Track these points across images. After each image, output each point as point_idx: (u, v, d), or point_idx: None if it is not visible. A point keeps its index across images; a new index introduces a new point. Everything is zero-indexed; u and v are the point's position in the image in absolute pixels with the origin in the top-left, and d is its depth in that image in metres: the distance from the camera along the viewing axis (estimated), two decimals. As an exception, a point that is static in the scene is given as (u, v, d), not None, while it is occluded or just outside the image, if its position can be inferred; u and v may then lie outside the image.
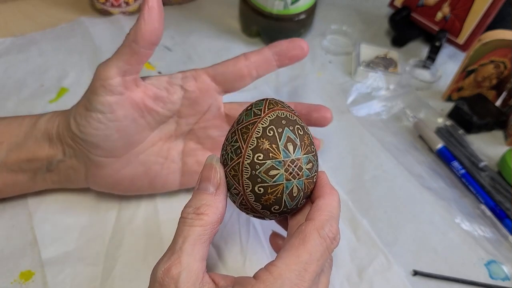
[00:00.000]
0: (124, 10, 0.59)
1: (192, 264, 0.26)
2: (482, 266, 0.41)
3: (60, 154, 0.36)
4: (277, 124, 0.28)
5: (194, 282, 0.26)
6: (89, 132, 0.34)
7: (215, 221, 0.28)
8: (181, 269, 0.26)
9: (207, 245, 0.28)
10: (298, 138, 0.29)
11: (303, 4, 0.55)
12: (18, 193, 0.39)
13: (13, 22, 0.56)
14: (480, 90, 0.54)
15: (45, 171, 0.37)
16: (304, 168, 0.28)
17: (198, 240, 0.27)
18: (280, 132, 0.28)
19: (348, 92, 0.54)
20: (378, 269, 0.39)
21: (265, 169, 0.28)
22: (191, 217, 0.28)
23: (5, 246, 0.37)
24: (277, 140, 0.28)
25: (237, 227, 0.40)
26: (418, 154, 0.49)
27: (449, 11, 0.56)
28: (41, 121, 0.36)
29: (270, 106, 0.29)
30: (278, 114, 0.29)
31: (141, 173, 0.38)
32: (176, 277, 0.26)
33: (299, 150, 0.28)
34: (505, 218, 0.43)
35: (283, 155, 0.28)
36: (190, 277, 0.26)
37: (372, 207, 0.44)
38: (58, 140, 0.36)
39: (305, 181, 0.29)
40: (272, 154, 0.28)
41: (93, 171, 0.36)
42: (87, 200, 0.40)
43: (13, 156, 0.36)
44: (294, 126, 0.29)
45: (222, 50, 0.57)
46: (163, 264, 0.26)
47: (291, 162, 0.28)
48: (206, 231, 0.27)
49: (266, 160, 0.28)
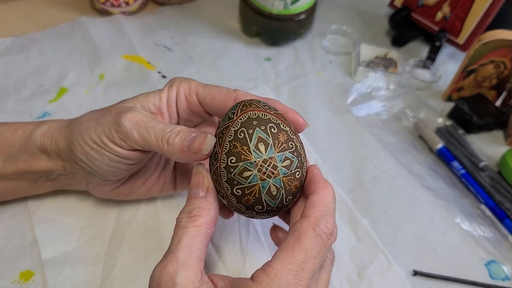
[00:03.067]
0: (124, 10, 0.59)
1: (189, 262, 0.26)
2: (482, 266, 0.41)
3: (60, 169, 0.35)
4: (248, 126, 0.29)
5: (193, 281, 0.26)
6: (99, 166, 0.33)
7: (208, 221, 0.28)
8: (177, 266, 0.26)
9: (204, 246, 0.28)
10: (271, 137, 0.29)
11: (303, 4, 0.55)
12: (19, 197, 0.39)
13: (13, 22, 0.57)
14: (480, 90, 0.54)
15: (45, 180, 0.37)
16: (280, 166, 0.29)
17: (193, 241, 0.27)
18: (251, 133, 0.28)
19: (348, 92, 0.54)
20: (378, 269, 0.39)
21: (239, 171, 0.28)
22: (184, 220, 0.28)
23: (5, 246, 0.37)
24: (248, 142, 0.28)
25: (237, 227, 0.40)
26: (418, 154, 0.49)
27: (449, 11, 0.56)
28: (36, 135, 0.34)
29: (243, 108, 0.30)
30: (249, 116, 0.29)
31: (140, 183, 0.38)
32: (173, 274, 0.26)
33: (272, 149, 0.29)
34: (505, 218, 0.43)
35: (254, 156, 0.28)
36: (188, 274, 0.26)
37: (372, 207, 0.44)
38: (58, 156, 0.34)
39: (283, 178, 0.29)
40: (244, 156, 0.28)
41: (95, 185, 0.36)
42: (87, 200, 0.40)
43: (11, 167, 0.35)
44: (266, 125, 0.29)
45: (222, 50, 0.57)
46: (160, 263, 0.27)
47: (264, 161, 0.28)
48: (200, 231, 0.28)
49: (239, 163, 0.28)
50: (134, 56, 0.54)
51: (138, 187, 0.38)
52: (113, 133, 0.31)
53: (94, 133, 0.32)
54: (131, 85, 0.51)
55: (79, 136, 0.32)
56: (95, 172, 0.33)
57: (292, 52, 0.59)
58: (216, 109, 0.34)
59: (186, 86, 0.35)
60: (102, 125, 0.32)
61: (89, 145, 0.32)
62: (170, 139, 0.30)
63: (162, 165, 0.39)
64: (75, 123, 0.34)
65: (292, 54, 0.58)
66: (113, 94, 0.50)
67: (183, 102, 0.35)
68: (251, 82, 0.54)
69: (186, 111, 0.36)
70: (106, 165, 0.32)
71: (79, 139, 0.32)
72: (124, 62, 0.54)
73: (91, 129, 0.32)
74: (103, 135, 0.31)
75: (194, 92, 0.35)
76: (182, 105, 0.35)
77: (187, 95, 0.35)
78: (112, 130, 0.31)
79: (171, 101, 0.35)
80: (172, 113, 0.35)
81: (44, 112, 0.47)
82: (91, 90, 0.50)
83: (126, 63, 0.54)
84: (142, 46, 0.56)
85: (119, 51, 0.54)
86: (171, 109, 0.35)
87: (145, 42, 0.56)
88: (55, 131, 0.34)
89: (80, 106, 0.48)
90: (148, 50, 0.56)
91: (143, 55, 0.55)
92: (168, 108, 0.35)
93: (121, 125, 0.31)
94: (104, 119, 0.32)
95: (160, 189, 0.39)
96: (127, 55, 0.54)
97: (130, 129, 0.31)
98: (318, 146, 0.48)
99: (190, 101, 0.35)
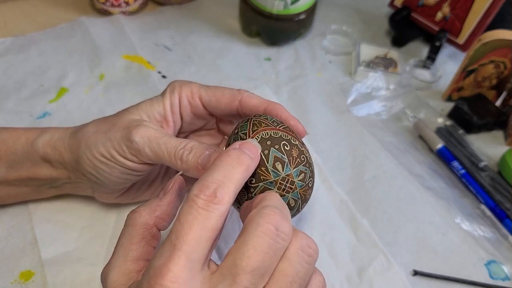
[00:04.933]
0: (124, 10, 0.59)
1: (120, 264, 0.26)
2: (482, 266, 0.41)
3: (65, 178, 0.35)
4: (263, 146, 0.29)
5: (125, 282, 0.26)
6: (109, 178, 0.33)
7: (145, 222, 0.28)
8: (109, 268, 0.26)
9: (144, 245, 0.27)
10: (286, 155, 0.29)
11: (303, 4, 0.55)
12: (22, 200, 0.39)
13: (13, 22, 0.56)
14: (480, 90, 0.54)
15: (49, 187, 0.37)
16: (296, 181, 0.30)
17: (128, 241, 0.27)
18: (267, 154, 0.29)
19: (348, 92, 0.54)
20: (378, 269, 0.39)
21: (259, 191, 0.29)
22: (128, 217, 0.29)
23: (5, 246, 0.37)
24: (265, 163, 0.29)
25: (237, 227, 0.40)
26: (418, 154, 0.49)
27: (449, 11, 0.56)
28: (38, 144, 0.34)
29: (254, 128, 0.30)
30: (262, 136, 0.30)
31: (145, 188, 0.38)
32: (106, 276, 0.26)
33: (288, 167, 0.29)
34: (505, 218, 0.43)
35: (273, 175, 0.29)
36: (118, 276, 0.26)
37: (372, 207, 0.44)
38: (62, 166, 0.34)
39: (300, 191, 0.30)
40: (263, 177, 0.29)
41: (100, 193, 0.37)
42: (87, 200, 0.40)
43: (14, 174, 0.35)
44: (279, 143, 0.30)
45: (222, 50, 0.57)
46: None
47: (282, 179, 0.29)
48: (137, 231, 0.28)
49: (259, 183, 0.29)
50: (134, 56, 0.54)
51: (143, 192, 0.38)
52: (124, 149, 0.31)
53: (103, 147, 0.32)
54: (131, 85, 0.51)
55: (87, 150, 0.32)
56: (103, 183, 0.33)
57: (292, 52, 0.59)
58: (222, 111, 0.35)
59: (188, 91, 0.35)
60: (112, 140, 0.31)
61: (99, 159, 0.32)
62: (183, 156, 0.30)
63: (165, 168, 0.39)
64: (80, 135, 0.33)
65: (292, 54, 0.58)
66: (113, 94, 0.50)
67: (186, 106, 0.35)
68: (251, 82, 0.54)
69: (190, 115, 0.36)
70: (116, 177, 0.33)
71: (87, 153, 0.32)
72: (124, 62, 0.54)
73: (99, 144, 0.32)
74: (113, 150, 0.31)
75: (197, 96, 0.35)
76: (186, 110, 0.35)
77: (190, 100, 0.35)
78: (122, 145, 0.31)
79: (175, 107, 0.35)
80: (176, 119, 0.35)
81: (44, 112, 0.47)
82: (91, 90, 0.50)
83: (126, 63, 0.54)
84: (142, 46, 0.56)
85: (119, 51, 0.54)
86: (175, 115, 0.35)
87: (145, 42, 0.56)
88: (58, 141, 0.34)
89: (80, 106, 0.48)
90: (148, 50, 0.56)
91: (143, 55, 0.55)
92: (172, 115, 0.35)
93: (132, 141, 0.31)
94: (113, 133, 0.32)
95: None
96: (127, 55, 0.54)
97: (142, 145, 0.31)
98: (318, 146, 0.48)
99: (194, 105, 0.35)
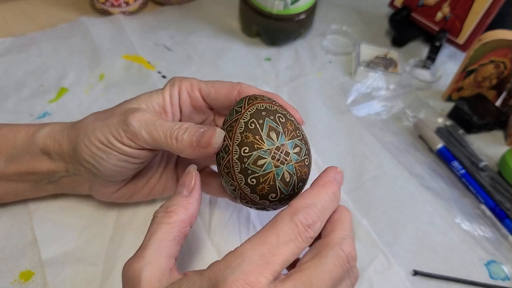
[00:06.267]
0: (124, 10, 0.59)
1: (156, 260, 0.26)
2: (482, 266, 0.41)
3: (62, 171, 0.35)
4: (258, 116, 0.29)
5: (158, 279, 0.26)
6: (106, 166, 0.33)
7: (182, 220, 0.28)
8: (144, 263, 0.26)
9: (176, 244, 0.28)
10: (280, 126, 0.30)
11: (303, 4, 0.55)
12: (20, 199, 0.39)
13: (13, 22, 0.57)
14: (480, 90, 0.54)
15: (46, 183, 0.37)
16: (291, 152, 0.29)
17: (164, 237, 0.27)
18: (261, 123, 0.29)
19: (348, 92, 0.54)
20: (378, 269, 0.39)
21: (253, 160, 0.29)
22: (160, 215, 0.29)
23: (5, 246, 0.37)
24: (259, 131, 0.29)
25: (237, 227, 0.40)
26: (418, 154, 0.49)
27: (449, 11, 0.56)
28: (38, 136, 0.34)
29: (249, 101, 0.31)
30: (257, 107, 0.30)
31: (142, 184, 0.38)
32: (139, 271, 0.26)
33: (283, 137, 0.29)
34: (505, 218, 0.43)
35: (267, 144, 0.29)
36: (153, 272, 0.26)
37: (372, 207, 0.44)
38: (60, 158, 0.34)
39: (295, 165, 0.30)
40: (257, 145, 0.29)
41: (98, 187, 0.36)
42: (87, 200, 0.40)
43: (12, 168, 0.35)
44: (274, 115, 0.30)
45: (222, 50, 0.57)
46: (129, 259, 0.27)
47: (277, 149, 0.29)
48: (173, 228, 0.28)
49: (252, 152, 0.29)
50: (134, 56, 0.54)
51: (140, 188, 0.38)
52: (121, 133, 0.31)
53: (100, 133, 0.32)
54: (131, 85, 0.51)
55: (85, 137, 0.32)
56: (100, 173, 0.33)
57: (292, 52, 0.59)
58: (221, 102, 0.35)
59: (187, 84, 0.35)
60: (109, 126, 0.32)
61: (96, 145, 0.32)
62: (179, 135, 0.30)
63: (164, 165, 0.39)
64: (79, 125, 0.34)
65: (292, 54, 0.58)
66: (113, 94, 0.50)
67: (185, 99, 0.35)
68: (251, 82, 0.53)
69: (189, 108, 0.36)
70: (113, 165, 0.33)
71: (85, 140, 0.32)
72: (124, 62, 0.54)
73: (97, 130, 0.32)
74: (110, 135, 0.31)
75: (197, 88, 0.35)
76: (185, 102, 0.35)
77: (190, 92, 0.35)
78: (119, 130, 0.31)
79: (174, 99, 0.35)
80: (175, 111, 0.35)
81: (44, 112, 0.47)
82: (91, 90, 0.50)
83: (126, 63, 0.54)
84: (142, 46, 0.56)
85: (119, 51, 0.54)
86: (174, 107, 0.35)
87: (145, 42, 0.56)
88: (58, 133, 0.34)
89: (80, 106, 0.48)
90: (148, 50, 0.56)
91: (143, 55, 0.55)
92: (171, 106, 0.35)
93: (129, 124, 0.31)
94: (110, 120, 0.32)
95: (162, 190, 0.39)
96: (127, 55, 0.54)
97: (138, 128, 0.31)
98: (318, 146, 0.48)
99: (193, 97, 0.35)
